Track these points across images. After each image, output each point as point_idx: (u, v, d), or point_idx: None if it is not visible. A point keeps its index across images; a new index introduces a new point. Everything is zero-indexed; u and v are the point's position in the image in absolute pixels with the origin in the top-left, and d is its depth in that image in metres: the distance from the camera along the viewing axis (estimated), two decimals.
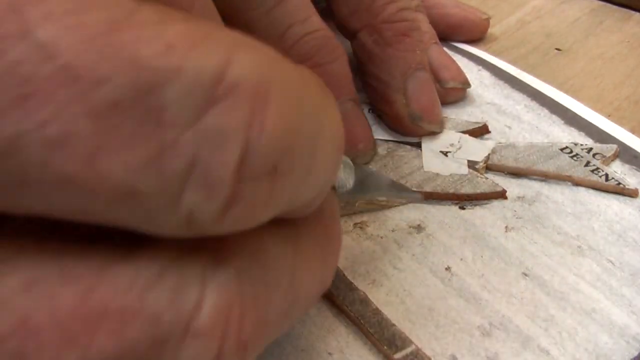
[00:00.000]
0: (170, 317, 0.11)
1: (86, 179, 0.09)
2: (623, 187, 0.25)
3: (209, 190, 0.10)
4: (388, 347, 0.19)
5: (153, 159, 0.09)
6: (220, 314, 0.11)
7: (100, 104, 0.09)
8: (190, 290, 0.11)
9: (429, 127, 0.27)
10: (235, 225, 0.11)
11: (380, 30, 0.27)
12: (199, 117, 0.10)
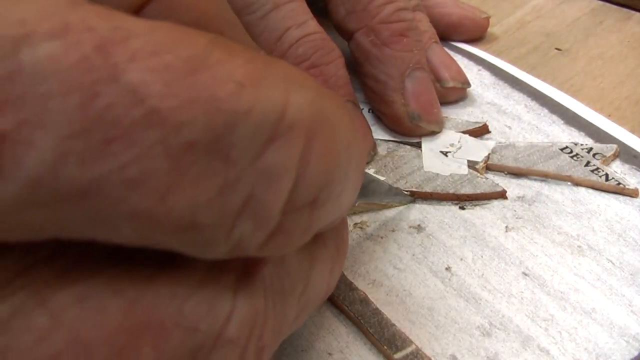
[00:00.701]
0: (205, 327, 0.11)
1: (156, 214, 0.09)
2: (623, 187, 0.25)
3: (259, 222, 0.10)
4: (388, 347, 0.19)
5: (216, 195, 0.10)
6: (248, 322, 0.11)
7: (179, 146, 0.09)
8: (224, 300, 0.11)
9: (428, 126, 0.27)
10: (274, 251, 0.11)
11: (377, 31, 0.27)
12: (260, 155, 0.10)
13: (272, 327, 0.12)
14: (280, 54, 0.25)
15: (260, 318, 0.12)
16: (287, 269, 0.13)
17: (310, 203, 0.11)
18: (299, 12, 0.25)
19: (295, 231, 0.11)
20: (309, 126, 0.11)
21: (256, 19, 0.25)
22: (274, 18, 0.25)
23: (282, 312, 0.13)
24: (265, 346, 0.12)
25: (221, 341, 0.11)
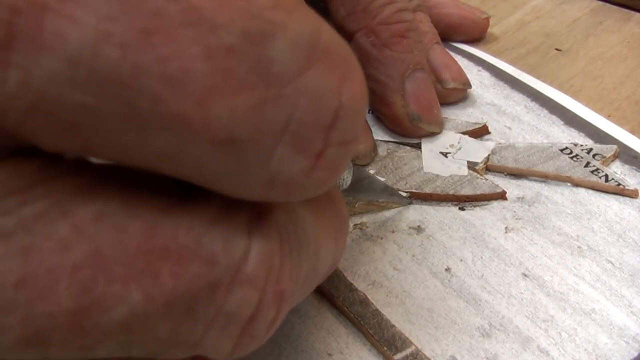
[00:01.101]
0: (223, 261, 0.11)
1: (194, 120, 0.09)
2: (623, 187, 0.25)
3: (301, 147, 0.10)
4: (388, 348, 0.19)
5: (256, 109, 0.10)
6: (264, 262, 0.12)
7: (217, 47, 0.09)
8: (240, 238, 0.11)
9: (428, 127, 0.27)
10: (314, 188, 0.11)
11: (377, 32, 0.27)
12: (301, 74, 0.10)
13: (289, 274, 0.12)
14: None
15: (277, 261, 0.12)
16: (299, 222, 0.13)
17: (348, 140, 0.11)
18: None
19: (334, 167, 0.11)
20: (344, 57, 0.11)
21: None
22: None
23: (298, 263, 0.13)
24: (284, 291, 0.12)
25: (239, 279, 0.11)
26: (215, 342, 0.12)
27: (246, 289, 0.11)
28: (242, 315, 0.12)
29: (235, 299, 0.11)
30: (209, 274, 0.11)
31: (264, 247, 0.12)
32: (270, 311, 0.12)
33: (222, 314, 0.11)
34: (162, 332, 0.11)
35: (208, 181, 0.11)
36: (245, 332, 0.12)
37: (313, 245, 0.14)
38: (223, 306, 0.11)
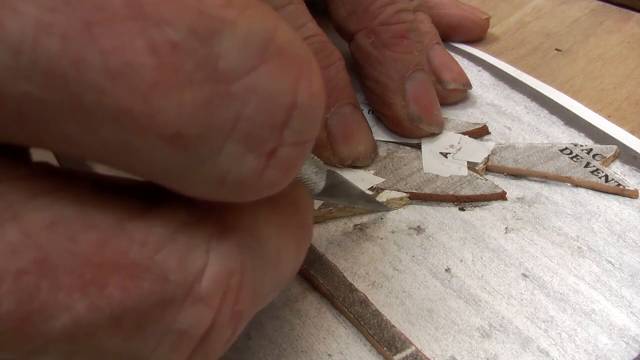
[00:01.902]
0: (176, 278, 0.11)
1: (139, 114, 0.09)
2: (623, 188, 0.25)
3: (251, 145, 0.10)
4: (388, 348, 0.19)
5: (204, 105, 0.10)
6: (221, 281, 0.12)
7: (162, 43, 0.09)
8: (197, 254, 0.11)
9: (428, 128, 0.27)
10: (268, 188, 0.11)
11: (377, 32, 0.27)
12: (250, 72, 0.10)
13: (250, 293, 0.12)
14: None
15: (236, 280, 0.12)
16: (264, 238, 0.13)
17: (303, 140, 0.11)
18: (298, 15, 0.25)
19: (289, 167, 0.11)
20: (300, 57, 0.11)
21: None
22: None
23: (260, 280, 0.13)
24: (243, 312, 0.12)
25: (192, 297, 0.11)
26: (166, 358, 0.12)
27: (199, 307, 0.11)
28: (194, 334, 0.12)
29: (187, 317, 0.11)
30: (160, 291, 0.11)
31: (221, 266, 0.12)
32: (226, 330, 0.12)
33: (174, 331, 0.11)
34: (110, 345, 0.11)
35: (158, 177, 0.11)
36: (198, 350, 0.12)
37: (275, 260, 0.14)
38: (174, 323, 0.11)
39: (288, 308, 0.21)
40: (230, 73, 0.10)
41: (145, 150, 0.10)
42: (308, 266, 0.22)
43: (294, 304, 0.21)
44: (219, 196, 0.11)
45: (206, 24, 0.10)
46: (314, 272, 0.21)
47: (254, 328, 0.20)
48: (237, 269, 0.12)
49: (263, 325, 0.20)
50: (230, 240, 0.12)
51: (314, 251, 0.22)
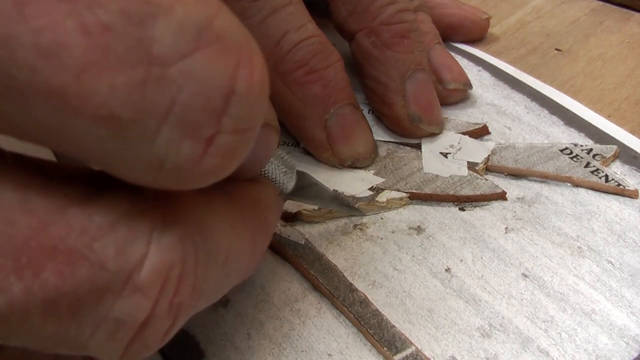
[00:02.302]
0: (114, 267, 0.11)
1: (72, 94, 0.09)
2: (623, 187, 0.25)
3: (187, 132, 0.10)
4: (388, 348, 0.19)
5: (137, 87, 0.10)
6: (160, 272, 0.12)
7: (93, 24, 0.09)
8: (137, 245, 0.11)
9: (428, 128, 0.27)
10: (208, 176, 0.11)
11: (378, 32, 0.27)
12: (185, 57, 0.10)
13: (191, 287, 0.12)
14: (279, 58, 0.25)
15: (175, 273, 0.12)
16: (211, 233, 0.13)
17: (243, 127, 0.11)
18: (297, 16, 0.25)
19: (229, 154, 0.11)
20: (240, 44, 0.11)
21: (254, 23, 0.25)
22: (272, 22, 0.25)
23: (204, 275, 0.13)
24: (182, 304, 0.12)
25: (130, 286, 0.11)
26: (104, 346, 0.12)
27: (137, 297, 0.11)
28: (132, 323, 0.12)
29: (124, 306, 0.11)
30: (97, 278, 0.11)
31: (161, 258, 0.12)
32: (165, 322, 0.12)
33: (111, 320, 0.11)
34: (46, 329, 0.11)
35: (96, 160, 0.11)
36: (136, 339, 0.12)
37: (224, 257, 0.14)
38: (111, 312, 0.11)
39: (288, 308, 0.21)
40: (165, 57, 0.10)
41: (79, 131, 0.10)
42: (308, 266, 0.22)
43: (294, 303, 0.21)
44: (158, 183, 0.11)
45: (139, 8, 0.10)
46: (314, 272, 0.21)
47: (253, 328, 0.20)
48: (178, 261, 0.12)
49: (263, 325, 0.20)
50: (173, 233, 0.12)
51: (314, 251, 0.22)
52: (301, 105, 0.25)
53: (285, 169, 0.19)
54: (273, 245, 0.23)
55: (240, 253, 0.15)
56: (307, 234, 0.23)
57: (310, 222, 0.24)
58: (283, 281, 0.22)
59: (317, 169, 0.26)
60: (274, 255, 0.23)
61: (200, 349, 0.19)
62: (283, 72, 0.25)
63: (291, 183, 0.19)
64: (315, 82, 0.25)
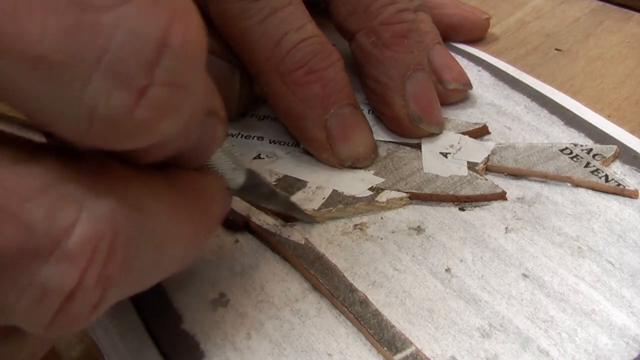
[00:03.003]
0: (42, 231, 0.11)
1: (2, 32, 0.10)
2: (623, 187, 0.25)
3: (119, 82, 0.11)
4: (388, 348, 0.19)
5: (68, 32, 0.10)
6: (90, 242, 0.12)
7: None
8: (67, 211, 0.11)
9: (428, 128, 0.27)
10: (140, 132, 0.11)
11: (378, 32, 0.27)
12: (119, 5, 0.10)
13: (121, 261, 0.12)
14: (279, 59, 0.25)
15: (105, 245, 0.12)
16: (145, 211, 0.13)
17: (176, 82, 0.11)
18: (297, 16, 0.25)
19: (161, 109, 0.11)
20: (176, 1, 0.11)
21: (254, 24, 0.25)
22: (272, 23, 0.25)
23: (136, 252, 0.13)
24: (111, 278, 0.12)
25: (58, 253, 0.11)
26: (30, 313, 0.12)
27: (65, 265, 0.11)
28: (58, 292, 0.12)
29: (51, 273, 0.11)
30: (24, 240, 0.11)
31: (92, 227, 0.12)
32: (93, 294, 0.12)
33: (37, 286, 0.11)
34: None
35: (27, 107, 0.11)
36: (62, 310, 0.12)
37: (159, 238, 0.14)
38: (38, 277, 0.11)
39: (288, 308, 0.21)
40: (98, 4, 0.10)
41: (9, 72, 0.10)
42: (308, 266, 0.22)
43: (294, 303, 0.21)
44: (90, 138, 0.11)
45: None
46: (314, 272, 0.21)
47: (253, 328, 0.20)
48: (109, 233, 0.12)
49: (263, 325, 0.20)
50: (106, 204, 0.12)
51: (314, 251, 0.22)
52: (301, 105, 0.25)
53: (233, 165, 0.19)
54: (273, 245, 0.23)
55: (177, 238, 0.15)
56: (307, 234, 0.23)
57: (311, 222, 0.24)
58: (283, 281, 0.22)
59: (317, 169, 0.26)
60: (274, 255, 0.23)
61: (200, 349, 0.19)
62: (283, 72, 0.25)
63: (239, 179, 0.19)
64: (315, 83, 0.25)
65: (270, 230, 0.23)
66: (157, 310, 0.20)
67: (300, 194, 0.25)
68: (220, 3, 0.25)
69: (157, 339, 0.20)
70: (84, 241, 0.12)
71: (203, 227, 0.16)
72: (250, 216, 0.23)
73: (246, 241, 0.23)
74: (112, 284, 0.12)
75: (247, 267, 0.22)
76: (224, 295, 0.21)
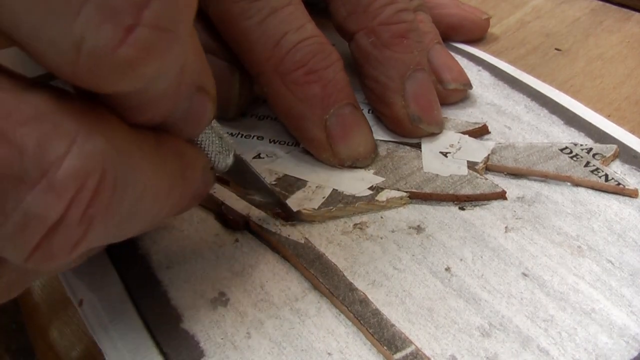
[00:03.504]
0: (32, 157, 0.11)
1: None
2: (623, 187, 0.25)
3: (108, 16, 0.11)
4: (388, 347, 0.19)
5: None
6: (77, 177, 0.12)
7: None
8: (59, 142, 0.12)
9: (428, 128, 0.27)
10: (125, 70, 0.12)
11: (377, 32, 0.27)
12: None
13: (105, 203, 0.13)
14: (278, 59, 0.25)
15: (92, 183, 0.12)
16: (131, 161, 0.14)
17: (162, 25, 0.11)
18: (296, 16, 0.25)
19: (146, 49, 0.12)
20: None
21: (254, 24, 0.25)
22: (272, 23, 0.25)
23: (119, 198, 0.13)
24: (95, 217, 0.12)
25: (45, 182, 0.12)
26: (13, 238, 0.12)
27: (50, 195, 0.12)
28: (42, 220, 0.12)
29: (36, 201, 0.12)
30: (14, 163, 0.11)
31: (81, 162, 0.12)
32: (75, 231, 0.12)
33: (21, 211, 0.12)
34: None
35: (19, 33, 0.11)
36: (44, 242, 0.12)
37: (140, 191, 0.14)
38: (23, 203, 0.12)
39: (288, 307, 0.21)
40: None
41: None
42: (308, 265, 0.22)
43: (293, 303, 0.21)
44: (76, 73, 0.11)
45: None
46: (314, 271, 0.21)
47: (253, 327, 0.20)
48: (97, 172, 0.12)
49: (263, 324, 0.20)
50: (97, 145, 0.12)
51: (313, 250, 0.22)
52: (301, 105, 0.25)
53: (221, 147, 0.19)
54: (273, 244, 0.23)
55: (154, 195, 0.15)
56: (307, 233, 0.23)
57: (310, 221, 0.24)
58: (283, 280, 0.22)
59: (317, 168, 0.26)
60: (273, 255, 0.23)
61: (200, 348, 0.19)
62: (283, 72, 0.25)
63: (225, 162, 0.19)
64: (314, 82, 0.25)
65: (270, 229, 0.23)
66: (157, 309, 0.20)
67: (300, 193, 0.25)
68: (220, 3, 0.25)
69: (157, 338, 0.20)
70: (72, 175, 0.12)
71: (180, 195, 0.17)
72: (250, 216, 0.23)
73: (246, 240, 0.23)
74: (94, 224, 0.13)
75: (246, 266, 0.22)
76: (224, 294, 0.21)
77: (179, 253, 0.23)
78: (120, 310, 0.21)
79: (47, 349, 0.24)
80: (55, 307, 0.24)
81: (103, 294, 0.21)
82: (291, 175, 0.26)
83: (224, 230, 0.24)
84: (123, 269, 0.22)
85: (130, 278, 0.22)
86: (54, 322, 0.24)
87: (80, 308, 0.21)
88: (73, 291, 0.22)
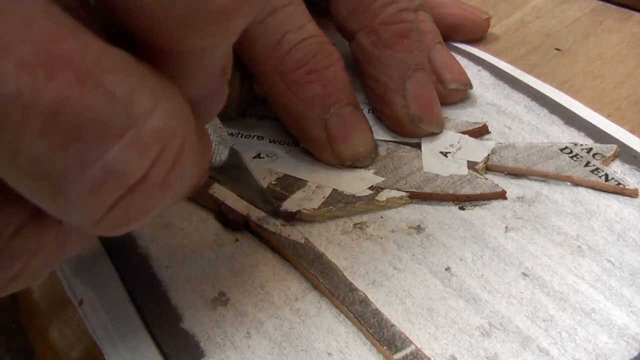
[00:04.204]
0: (121, 105, 0.11)
1: None
2: (623, 187, 0.25)
3: None
4: (388, 347, 0.19)
5: None
6: (163, 134, 0.11)
7: None
8: (146, 95, 0.11)
9: (428, 128, 0.27)
10: (213, 22, 0.11)
11: (378, 32, 0.27)
12: None
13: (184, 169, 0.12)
14: (279, 59, 0.25)
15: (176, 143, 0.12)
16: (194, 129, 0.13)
17: None
18: (297, 16, 0.25)
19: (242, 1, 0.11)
20: None
21: (254, 23, 0.25)
22: (272, 22, 0.25)
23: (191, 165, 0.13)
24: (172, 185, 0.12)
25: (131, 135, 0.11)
26: (85, 197, 0.11)
27: (135, 150, 0.11)
28: (123, 177, 0.11)
29: (120, 155, 0.11)
30: (103, 110, 0.10)
31: (167, 120, 0.11)
32: (156, 193, 0.12)
33: (102, 165, 0.11)
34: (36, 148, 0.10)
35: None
36: (120, 202, 0.11)
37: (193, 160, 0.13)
38: (106, 155, 0.11)
39: (288, 307, 0.21)
40: None
41: None
42: (308, 265, 0.22)
43: (293, 303, 0.21)
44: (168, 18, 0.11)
45: None
46: (314, 271, 0.21)
47: (253, 327, 0.20)
48: (180, 134, 0.12)
49: (263, 324, 0.20)
50: (179, 106, 0.12)
51: (313, 250, 0.22)
52: (301, 105, 0.25)
53: (220, 139, 0.19)
54: (273, 244, 0.23)
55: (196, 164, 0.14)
56: (307, 233, 0.23)
57: (310, 221, 0.24)
58: (283, 280, 0.22)
59: (317, 168, 0.26)
60: (273, 255, 0.23)
61: (200, 347, 0.19)
62: (283, 72, 0.25)
63: (221, 156, 0.19)
64: (315, 82, 0.25)
65: (270, 229, 0.23)
66: (156, 309, 0.20)
67: (300, 193, 0.25)
68: None
69: (157, 338, 0.20)
70: (159, 132, 0.11)
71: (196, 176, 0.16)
72: (250, 216, 0.23)
73: (246, 240, 0.23)
74: (172, 188, 0.12)
75: (246, 266, 0.22)
76: (224, 294, 0.21)
77: (179, 253, 0.23)
78: (120, 310, 0.21)
79: (47, 349, 0.24)
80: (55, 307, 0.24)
81: (103, 294, 0.21)
82: (291, 175, 0.26)
83: (224, 230, 0.24)
84: (123, 269, 0.22)
85: (130, 278, 0.22)
86: (54, 322, 0.24)
87: (80, 308, 0.21)
88: (73, 291, 0.22)
